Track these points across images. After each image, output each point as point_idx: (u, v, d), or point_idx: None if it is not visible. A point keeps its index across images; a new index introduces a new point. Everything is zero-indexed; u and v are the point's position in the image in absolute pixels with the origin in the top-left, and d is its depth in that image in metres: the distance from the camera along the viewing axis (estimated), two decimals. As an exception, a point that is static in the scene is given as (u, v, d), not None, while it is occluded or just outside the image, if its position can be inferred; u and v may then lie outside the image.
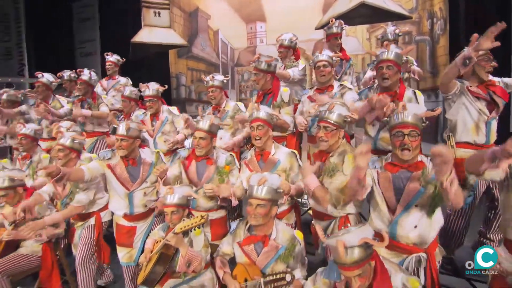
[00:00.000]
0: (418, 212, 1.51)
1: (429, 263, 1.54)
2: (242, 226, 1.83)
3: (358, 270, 1.23)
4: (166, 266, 1.89)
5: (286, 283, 1.44)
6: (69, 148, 2.41)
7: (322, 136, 1.81)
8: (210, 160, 2.24)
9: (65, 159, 2.40)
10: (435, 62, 6.46)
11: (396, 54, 2.10)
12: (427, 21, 6.45)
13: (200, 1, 7.82)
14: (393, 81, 2.10)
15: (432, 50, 6.48)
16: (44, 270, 2.53)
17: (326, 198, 1.72)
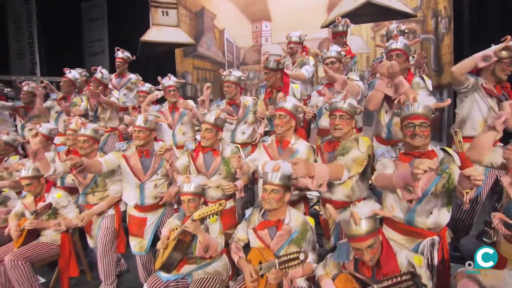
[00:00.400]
0: (433, 199, 1.58)
1: (442, 245, 1.62)
2: (256, 213, 1.92)
3: (370, 240, 1.31)
4: (182, 253, 1.97)
5: (300, 262, 1.53)
6: (92, 138, 2.52)
7: (338, 124, 1.91)
8: (216, 151, 2.35)
9: (89, 149, 2.50)
10: (439, 60, 6.51)
11: (404, 44, 2.24)
12: (431, 20, 6.50)
13: (206, 1, 7.92)
14: (402, 68, 2.21)
15: (437, 48, 6.52)
16: (62, 258, 2.64)
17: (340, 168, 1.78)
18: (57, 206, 2.62)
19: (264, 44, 7.73)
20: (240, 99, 3.06)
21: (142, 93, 3.49)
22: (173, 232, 2.05)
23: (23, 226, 2.50)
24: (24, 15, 5.65)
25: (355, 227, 1.31)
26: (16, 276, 2.37)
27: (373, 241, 1.32)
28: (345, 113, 1.94)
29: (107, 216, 2.60)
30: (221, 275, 2.00)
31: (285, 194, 1.78)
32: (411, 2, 6.66)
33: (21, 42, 5.73)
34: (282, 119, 2.17)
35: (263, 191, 1.79)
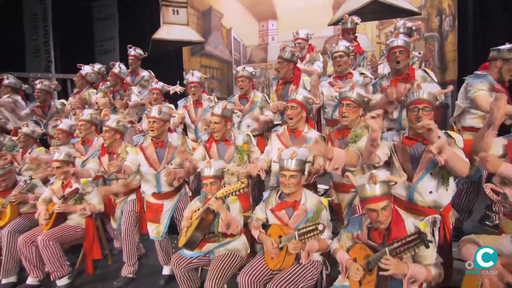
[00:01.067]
0: (433, 179, 1.73)
1: (443, 224, 1.77)
2: (273, 195, 2.07)
3: (384, 202, 1.47)
4: (204, 231, 2.14)
5: (318, 232, 1.69)
6: (114, 129, 2.69)
7: (345, 112, 2.05)
8: (228, 141, 2.50)
9: (110, 139, 2.68)
10: (443, 58, 6.62)
11: (405, 41, 2.39)
12: (435, 18, 6.61)
13: (213, 0, 8.08)
14: (404, 64, 2.38)
15: (441, 46, 6.64)
16: (87, 241, 2.81)
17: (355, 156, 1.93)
18: (82, 192, 2.79)
19: (270, 42, 7.88)
20: (251, 93, 3.23)
21: (155, 90, 3.58)
22: (195, 213, 2.21)
23: (52, 209, 2.68)
24: (40, 15, 5.85)
25: (371, 189, 1.48)
26: (47, 254, 2.56)
27: (386, 204, 1.47)
28: (353, 102, 2.07)
29: (130, 200, 2.78)
30: (241, 252, 2.16)
31: (302, 177, 1.94)
32: (416, 0, 6.81)
33: (36, 41, 5.94)
34: (294, 110, 2.31)
35: (282, 176, 1.93)
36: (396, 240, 1.44)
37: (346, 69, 2.90)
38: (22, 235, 2.68)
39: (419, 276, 1.46)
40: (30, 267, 2.68)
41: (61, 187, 2.82)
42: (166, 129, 2.59)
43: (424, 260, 1.53)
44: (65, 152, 2.77)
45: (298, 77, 3.02)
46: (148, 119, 2.55)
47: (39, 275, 2.72)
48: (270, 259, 1.90)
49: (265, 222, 2.09)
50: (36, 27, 5.87)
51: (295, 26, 7.45)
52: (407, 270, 1.45)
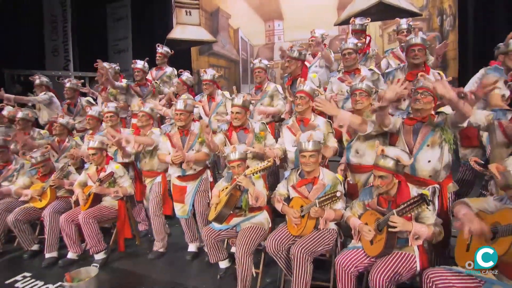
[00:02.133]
0: (430, 150, 2.04)
1: (442, 193, 2.07)
2: (294, 173, 2.37)
3: (382, 172, 1.82)
4: (232, 207, 2.44)
5: (337, 198, 1.99)
6: (148, 114, 3.03)
7: (359, 100, 2.37)
8: (247, 129, 2.81)
9: (145, 123, 3.01)
10: (444, 56, 6.90)
11: (423, 38, 2.68)
12: (437, 18, 6.93)
13: (220, 1, 8.42)
14: (422, 61, 2.70)
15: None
16: (119, 221, 3.13)
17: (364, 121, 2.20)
18: (115, 176, 3.11)
19: (276, 42, 8.20)
20: (265, 84, 3.56)
21: (180, 80, 4.02)
22: (222, 192, 2.52)
23: (89, 191, 3.00)
24: (60, 17, 6.18)
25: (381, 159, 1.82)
26: (88, 230, 2.87)
27: (384, 174, 1.83)
28: (364, 91, 2.39)
29: (156, 182, 3.09)
30: (264, 225, 2.46)
31: (319, 156, 2.24)
32: (418, 1, 7.09)
33: (56, 41, 6.27)
34: (302, 99, 2.62)
35: (302, 157, 2.23)
36: (402, 203, 1.75)
37: (354, 64, 3.20)
38: (63, 215, 3.00)
39: (422, 233, 1.77)
40: (70, 243, 2.99)
41: (95, 172, 3.14)
42: (191, 119, 2.92)
43: (426, 221, 1.83)
44: (99, 140, 3.10)
45: (305, 74, 3.33)
46: (175, 111, 2.87)
47: (77, 251, 3.03)
48: (292, 227, 2.20)
49: (286, 198, 2.39)
50: (56, 28, 6.20)
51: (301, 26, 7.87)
52: (412, 227, 1.76)
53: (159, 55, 4.45)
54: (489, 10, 5.81)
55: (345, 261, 1.91)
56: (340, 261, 1.92)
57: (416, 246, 1.84)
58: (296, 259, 2.00)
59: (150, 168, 3.12)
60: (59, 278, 2.71)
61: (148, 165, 3.12)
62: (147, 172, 3.15)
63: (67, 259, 3.00)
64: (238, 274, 2.24)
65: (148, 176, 3.16)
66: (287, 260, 2.16)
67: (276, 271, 2.54)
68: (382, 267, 1.78)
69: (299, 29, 7.94)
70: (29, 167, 3.52)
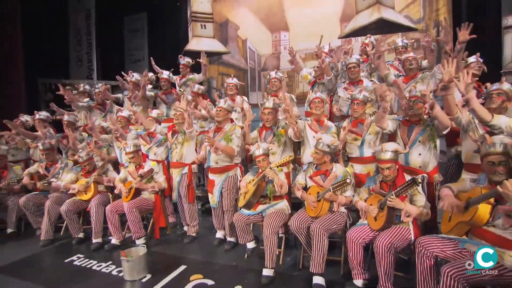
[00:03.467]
0: (421, 145, 2.59)
1: (429, 181, 2.62)
2: (311, 166, 2.90)
3: (389, 164, 2.33)
4: (259, 196, 2.98)
5: (347, 184, 2.53)
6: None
7: (356, 108, 2.96)
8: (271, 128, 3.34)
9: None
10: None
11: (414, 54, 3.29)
12: (433, 29, 7.55)
13: (230, 13, 9.06)
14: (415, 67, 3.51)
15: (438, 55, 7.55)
16: (156, 212, 3.66)
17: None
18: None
19: (282, 51, 8.82)
20: (280, 93, 4.12)
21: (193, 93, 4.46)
22: (249, 183, 3.06)
23: (131, 185, 3.53)
24: (84, 30, 6.80)
25: (384, 154, 2.36)
26: (131, 218, 3.40)
27: (390, 165, 2.35)
28: (360, 101, 2.97)
29: (183, 173, 3.61)
30: (285, 211, 2.99)
31: (326, 156, 2.76)
32: (416, 14, 7.75)
33: (79, 52, 6.87)
34: (320, 104, 3.18)
35: (315, 153, 2.78)
36: (399, 186, 2.29)
37: (357, 77, 3.77)
38: (108, 206, 3.53)
39: (412, 212, 2.29)
40: (114, 230, 3.51)
41: (135, 169, 3.68)
42: (228, 117, 3.45)
43: (417, 203, 2.36)
44: (133, 144, 3.63)
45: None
46: (216, 108, 3.42)
47: (120, 237, 3.55)
48: (310, 209, 2.73)
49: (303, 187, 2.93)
50: (80, 40, 6.80)
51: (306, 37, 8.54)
52: (404, 206, 2.29)
53: (182, 66, 5.01)
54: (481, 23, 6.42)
55: (355, 234, 2.44)
56: (350, 235, 2.45)
57: (411, 222, 2.37)
58: (316, 234, 2.52)
59: (178, 159, 3.60)
60: (107, 259, 3.24)
61: (177, 155, 3.60)
62: (176, 163, 3.62)
63: (111, 244, 3.51)
64: (266, 250, 2.76)
65: (176, 167, 3.64)
66: (307, 236, 2.68)
67: (294, 252, 3.08)
68: (383, 237, 2.30)
69: (304, 39, 8.58)
70: (72, 166, 4.07)
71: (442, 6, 7.39)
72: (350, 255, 2.45)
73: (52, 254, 3.49)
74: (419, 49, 7.77)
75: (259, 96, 9.08)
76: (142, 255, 2.89)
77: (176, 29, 8.03)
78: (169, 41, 7.93)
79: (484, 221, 1.90)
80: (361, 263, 2.44)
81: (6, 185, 3.90)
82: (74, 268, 3.12)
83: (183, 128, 3.49)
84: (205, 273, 2.86)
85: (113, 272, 2.98)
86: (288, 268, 2.91)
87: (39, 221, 3.92)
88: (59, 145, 4.46)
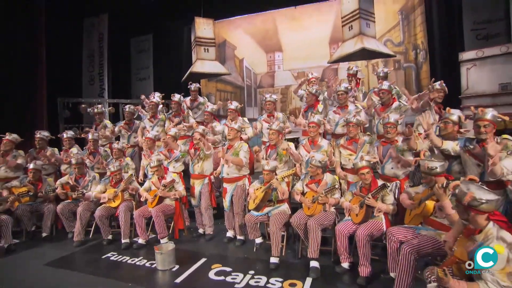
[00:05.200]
0: (393, 162, 3.46)
1: (400, 187, 3.49)
2: (307, 176, 3.75)
3: (366, 170, 3.19)
4: (266, 200, 3.79)
5: (335, 189, 3.37)
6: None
7: (351, 130, 3.82)
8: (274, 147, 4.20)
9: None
10: (419, 83, 8.65)
11: (388, 85, 4.22)
12: (412, 52, 8.70)
13: (227, 35, 10.02)
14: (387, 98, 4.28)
15: (417, 74, 8.69)
16: (176, 215, 4.41)
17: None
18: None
19: (277, 70, 9.81)
20: (275, 113, 5.01)
21: (206, 112, 5.37)
22: (257, 191, 3.87)
23: (156, 193, 4.29)
24: (96, 51, 7.58)
25: (360, 163, 3.22)
26: (158, 221, 4.14)
27: (367, 171, 3.20)
28: (354, 124, 3.85)
29: (205, 184, 4.39)
30: (286, 212, 3.79)
31: (319, 169, 3.61)
32: (396, 38, 8.89)
33: (92, 72, 7.62)
34: (314, 128, 4.06)
35: (310, 167, 3.63)
36: (373, 190, 3.15)
37: (345, 102, 4.67)
38: (136, 211, 4.27)
39: (383, 208, 3.13)
40: (141, 232, 4.24)
41: (158, 180, 4.44)
42: (238, 136, 4.28)
43: (387, 201, 3.21)
44: (156, 159, 4.41)
45: (315, 105, 4.82)
46: (228, 128, 4.26)
47: (145, 238, 4.28)
48: (306, 209, 3.55)
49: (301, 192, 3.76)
50: (93, 61, 7.57)
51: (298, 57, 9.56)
52: (377, 204, 3.15)
53: (192, 92, 5.85)
54: (453, 46, 7.51)
55: (341, 227, 3.27)
56: (338, 228, 3.27)
57: (383, 216, 3.22)
58: (312, 228, 3.34)
59: (200, 171, 4.40)
60: (137, 255, 3.96)
61: (199, 169, 4.39)
62: (197, 175, 4.39)
63: (139, 243, 4.23)
64: (272, 242, 3.54)
65: (197, 178, 4.42)
66: (305, 230, 3.49)
67: (293, 246, 3.88)
68: (363, 229, 3.13)
69: (297, 60, 9.62)
70: (98, 178, 4.81)
71: (419, 31, 8.54)
72: (338, 243, 3.27)
73: (88, 253, 4.18)
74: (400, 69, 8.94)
75: (255, 111, 9.97)
76: (172, 249, 3.63)
77: (179, 50, 8.90)
78: (173, 60, 8.78)
79: (430, 213, 2.76)
80: (346, 250, 3.27)
81: (44, 194, 4.59)
82: (112, 262, 3.83)
83: (203, 148, 4.27)
84: (222, 263, 3.63)
85: (146, 264, 3.70)
86: (289, 257, 3.71)
87: (71, 225, 4.61)
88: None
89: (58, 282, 3.38)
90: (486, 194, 1.92)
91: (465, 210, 1.98)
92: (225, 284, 3.16)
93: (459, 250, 2.04)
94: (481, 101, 4.72)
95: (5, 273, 3.64)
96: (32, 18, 6.01)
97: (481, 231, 1.96)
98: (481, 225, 1.96)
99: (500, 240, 1.86)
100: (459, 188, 2.03)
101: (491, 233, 1.91)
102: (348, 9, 6.51)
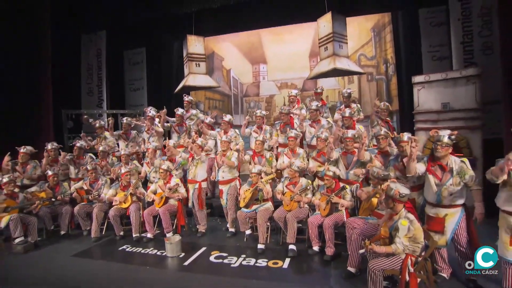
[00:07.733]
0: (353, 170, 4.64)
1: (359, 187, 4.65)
2: (286, 179, 4.84)
3: (329, 177, 4.35)
4: (254, 199, 4.85)
5: (308, 190, 4.48)
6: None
7: (319, 144, 4.93)
8: (263, 155, 5.29)
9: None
10: (389, 94, 9.93)
11: (349, 112, 5.37)
12: (383, 65, 10.00)
13: (216, 47, 11.02)
14: (349, 123, 5.37)
15: (387, 85, 10.00)
16: (178, 214, 5.40)
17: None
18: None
19: (261, 81, 10.91)
20: (263, 126, 6.09)
21: (205, 124, 6.34)
22: (246, 191, 4.93)
23: (162, 195, 5.26)
24: (95, 65, 8.39)
25: (328, 172, 4.34)
26: (165, 218, 5.12)
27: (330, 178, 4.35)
28: (322, 139, 4.92)
29: (196, 188, 5.38)
30: (270, 209, 4.84)
31: (297, 173, 4.72)
32: (369, 52, 10.18)
33: (90, 84, 8.42)
34: (293, 142, 5.17)
35: (290, 171, 4.73)
36: (336, 190, 4.28)
37: (317, 117, 5.78)
38: (145, 210, 5.23)
39: (344, 204, 4.25)
40: (149, 228, 5.20)
41: (163, 183, 5.41)
42: (229, 147, 5.29)
43: (346, 199, 4.33)
44: (167, 165, 5.39)
45: (292, 122, 5.93)
46: (221, 140, 5.30)
47: (153, 233, 5.24)
48: (286, 206, 4.63)
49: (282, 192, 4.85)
50: (91, 74, 8.37)
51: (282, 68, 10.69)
52: (339, 201, 4.27)
53: (186, 103, 6.78)
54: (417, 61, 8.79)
55: (312, 219, 4.36)
56: (310, 220, 4.38)
57: (344, 210, 4.35)
58: (289, 220, 4.42)
59: (193, 177, 5.39)
60: (148, 247, 4.93)
61: (192, 174, 5.39)
62: (191, 180, 5.37)
63: (147, 237, 5.19)
64: (259, 232, 4.60)
65: (191, 183, 5.40)
66: (285, 223, 4.56)
67: (276, 236, 4.97)
68: (328, 220, 4.25)
69: (280, 71, 10.76)
70: (109, 183, 5.72)
71: (389, 47, 9.84)
72: (310, 232, 4.38)
73: (105, 246, 5.10)
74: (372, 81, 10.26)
75: (241, 118, 11.02)
76: (179, 240, 4.63)
77: (171, 63, 9.81)
78: (165, 72, 9.69)
79: (375, 206, 3.92)
80: (317, 236, 4.37)
81: (62, 197, 5.46)
82: (128, 252, 4.78)
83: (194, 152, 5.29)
84: (220, 250, 4.66)
85: (157, 253, 4.68)
86: (273, 244, 4.79)
87: (86, 224, 5.50)
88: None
89: (86, 269, 4.30)
90: (405, 190, 3.08)
91: (392, 200, 3.13)
92: (223, 265, 4.20)
93: (383, 229, 3.19)
94: (428, 117, 5.94)
95: (40, 264, 4.51)
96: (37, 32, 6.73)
97: (397, 214, 3.12)
98: (398, 210, 3.12)
99: (405, 218, 3.02)
100: (389, 187, 3.18)
101: (402, 214, 3.08)
102: (323, 32, 7.65)
